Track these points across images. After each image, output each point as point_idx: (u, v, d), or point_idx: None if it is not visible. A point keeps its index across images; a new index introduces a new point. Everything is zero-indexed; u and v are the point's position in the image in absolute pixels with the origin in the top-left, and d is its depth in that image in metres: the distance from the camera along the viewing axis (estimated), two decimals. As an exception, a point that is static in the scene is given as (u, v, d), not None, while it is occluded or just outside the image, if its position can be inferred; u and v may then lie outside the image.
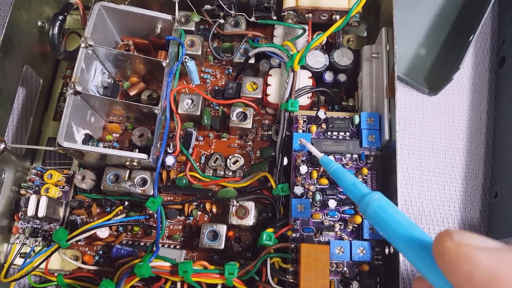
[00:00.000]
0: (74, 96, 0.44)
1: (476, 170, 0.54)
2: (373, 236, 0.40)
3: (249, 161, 0.50)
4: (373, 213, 0.29)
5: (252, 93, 0.49)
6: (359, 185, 0.32)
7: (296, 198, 0.42)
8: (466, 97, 0.58)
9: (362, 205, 0.30)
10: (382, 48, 0.45)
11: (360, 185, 0.32)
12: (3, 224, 0.47)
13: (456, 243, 0.22)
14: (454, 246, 0.22)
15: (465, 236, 0.22)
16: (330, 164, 0.37)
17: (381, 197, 0.29)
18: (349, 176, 0.34)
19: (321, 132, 0.44)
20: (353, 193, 0.32)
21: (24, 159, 0.50)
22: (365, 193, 0.31)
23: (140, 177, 0.45)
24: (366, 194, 0.30)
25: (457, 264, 0.21)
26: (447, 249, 0.22)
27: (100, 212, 0.48)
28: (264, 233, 0.40)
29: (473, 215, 0.53)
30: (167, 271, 0.40)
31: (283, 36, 0.51)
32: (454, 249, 0.21)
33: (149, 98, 0.50)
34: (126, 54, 0.47)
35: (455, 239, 0.22)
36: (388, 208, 0.28)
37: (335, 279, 0.40)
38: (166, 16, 0.47)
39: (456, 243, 0.22)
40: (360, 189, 0.32)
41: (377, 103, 0.45)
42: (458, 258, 0.21)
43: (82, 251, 0.48)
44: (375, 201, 0.29)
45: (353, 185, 0.33)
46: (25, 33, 0.49)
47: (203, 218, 0.48)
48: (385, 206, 0.28)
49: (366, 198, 0.30)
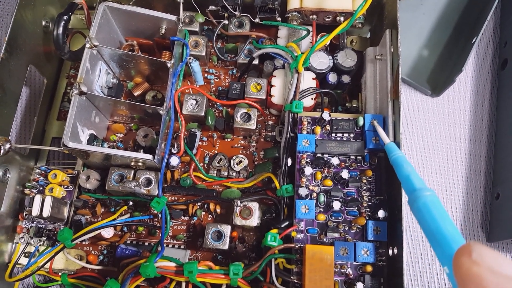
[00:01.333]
0: (79, 96, 0.44)
1: (478, 171, 0.55)
2: (377, 237, 0.40)
3: (253, 162, 0.50)
4: (416, 209, 0.31)
5: (256, 94, 0.49)
6: (414, 178, 0.34)
7: (300, 199, 0.42)
8: (468, 99, 0.58)
9: (410, 199, 0.32)
10: (386, 50, 0.45)
11: (415, 178, 0.34)
12: (7, 224, 0.47)
13: (472, 260, 0.22)
14: (468, 264, 0.22)
15: (483, 255, 0.22)
16: (393, 152, 0.38)
17: (431, 196, 0.31)
18: (406, 167, 0.35)
19: (326, 134, 0.45)
20: (406, 185, 0.34)
21: (28, 159, 0.50)
22: (415, 188, 0.33)
23: (144, 177, 0.46)
24: (416, 189, 0.32)
25: (466, 281, 0.22)
26: (462, 264, 0.22)
27: (105, 212, 0.48)
28: (268, 234, 0.40)
29: (475, 216, 0.53)
30: (172, 271, 0.40)
31: (287, 37, 0.51)
32: (467, 266, 0.22)
33: (154, 98, 0.50)
34: (131, 55, 0.47)
35: (472, 256, 0.22)
36: (433, 208, 0.30)
37: (339, 279, 0.40)
38: (170, 16, 0.47)
39: (472, 260, 0.22)
40: (413, 183, 0.33)
41: (381, 105, 0.46)
42: (468, 276, 0.22)
43: (87, 250, 0.48)
44: (422, 197, 0.31)
45: (407, 178, 0.34)
46: (30, 32, 0.49)
47: (207, 218, 0.48)
48: (430, 205, 0.30)
49: (415, 193, 0.32)
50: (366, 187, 0.43)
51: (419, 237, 0.52)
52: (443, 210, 0.30)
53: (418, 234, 0.52)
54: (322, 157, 0.44)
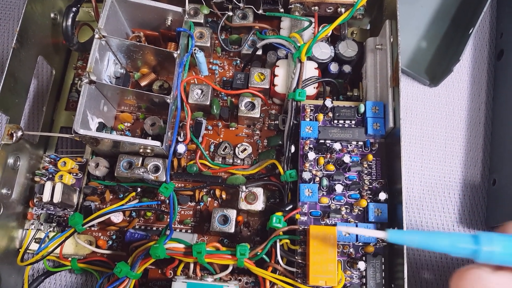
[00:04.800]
0: (89, 85, 0.45)
1: (475, 158, 0.56)
2: (378, 219, 0.42)
3: (256, 150, 0.51)
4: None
5: (259, 83, 0.50)
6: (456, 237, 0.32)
7: (304, 183, 0.43)
8: (466, 89, 0.59)
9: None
10: (386, 40, 0.47)
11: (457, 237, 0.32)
12: (18, 211, 0.49)
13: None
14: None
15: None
16: (407, 236, 0.34)
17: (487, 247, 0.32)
18: (440, 237, 0.33)
19: (328, 121, 0.46)
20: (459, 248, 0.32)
21: (38, 147, 0.51)
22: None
23: (152, 164, 0.47)
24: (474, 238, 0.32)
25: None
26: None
27: (113, 199, 0.50)
28: (273, 216, 0.42)
29: (472, 201, 0.55)
30: (181, 252, 0.41)
31: (289, 28, 0.52)
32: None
33: (161, 88, 0.52)
34: (139, 45, 0.48)
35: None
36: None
37: (342, 259, 0.42)
38: (176, 8, 0.48)
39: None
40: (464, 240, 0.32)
41: (381, 93, 0.47)
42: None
43: (96, 236, 0.49)
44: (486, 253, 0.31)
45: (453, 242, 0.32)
46: (39, 24, 0.50)
47: (213, 204, 0.50)
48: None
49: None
50: (367, 171, 0.44)
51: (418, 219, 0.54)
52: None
53: (417, 216, 0.54)
54: (325, 143, 0.45)
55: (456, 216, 0.54)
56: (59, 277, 0.52)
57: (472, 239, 0.32)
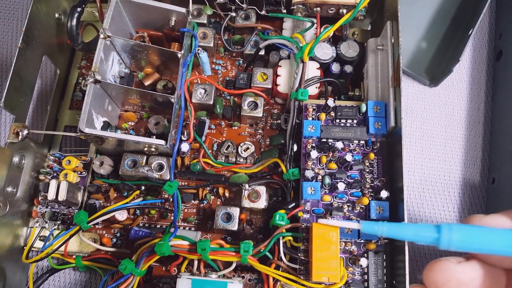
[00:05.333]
0: (94, 84, 0.46)
1: (474, 157, 0.57)
2: (379, 216, 0.42)
3: (259, 149, 0.52)
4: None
5: (262, 83, 0.51)
6: (421, 227, 0.35)
7: (306, 181, 0.44)
8: (465, 89, 0.60)
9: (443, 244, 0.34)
10: (387, 40, 0.48)
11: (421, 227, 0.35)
12: (23, 209, 0.49)
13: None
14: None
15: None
16: (377, 226, 0.36)
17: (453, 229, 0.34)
18: (405, 227, 0.36)
19: (330, 120, 0.47)
20: (422, 237, 0.35)
21: (42, 146, 0.52)
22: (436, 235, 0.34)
23: (156, 162, 0.47)
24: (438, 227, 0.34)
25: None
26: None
27: (117, 197, 0.50)
28: (277, 213, 0.42)
29: (472, 200, 0.55)
30: (186, 249, 0.42)
31: (291, 29, 0.53)
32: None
33: (165, 87, 0.52)
34: (143, 45, 0.49)
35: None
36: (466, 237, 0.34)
37: (344, 256, 0.42)
38: (180, 9, 0.49)
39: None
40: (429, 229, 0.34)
41: (382, 93, 0.48)
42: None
43: (100, 234, 0.50)
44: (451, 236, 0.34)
45: (417, 230, 0.35)
46: (44, 24, 0.51)
47: (216, 202, 0.50)
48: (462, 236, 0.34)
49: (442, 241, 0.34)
50: (368, 169, 0.45)
51: (418, 217, 0.55)
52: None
53: (417, 213, 0.55)
54: (327, 141, 0.46)
55: (456, 214, 0.55)
56: (63, 274, 0.52)
57: (435, 229, 0.34)
